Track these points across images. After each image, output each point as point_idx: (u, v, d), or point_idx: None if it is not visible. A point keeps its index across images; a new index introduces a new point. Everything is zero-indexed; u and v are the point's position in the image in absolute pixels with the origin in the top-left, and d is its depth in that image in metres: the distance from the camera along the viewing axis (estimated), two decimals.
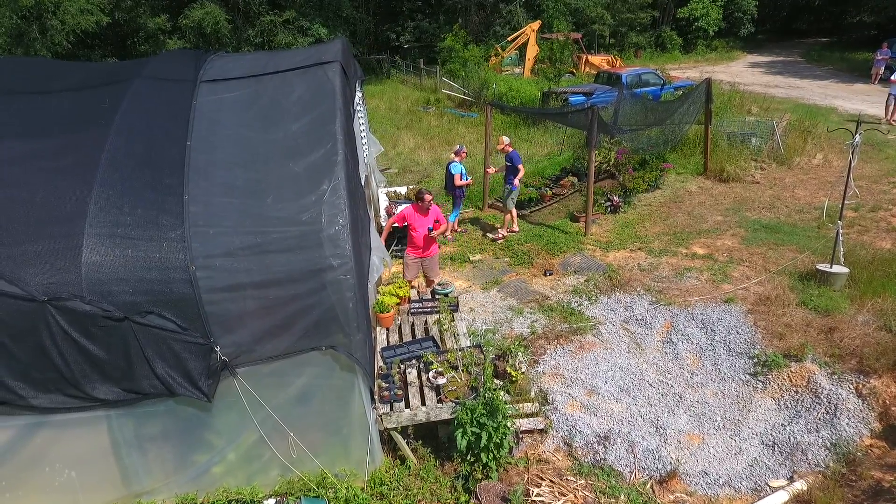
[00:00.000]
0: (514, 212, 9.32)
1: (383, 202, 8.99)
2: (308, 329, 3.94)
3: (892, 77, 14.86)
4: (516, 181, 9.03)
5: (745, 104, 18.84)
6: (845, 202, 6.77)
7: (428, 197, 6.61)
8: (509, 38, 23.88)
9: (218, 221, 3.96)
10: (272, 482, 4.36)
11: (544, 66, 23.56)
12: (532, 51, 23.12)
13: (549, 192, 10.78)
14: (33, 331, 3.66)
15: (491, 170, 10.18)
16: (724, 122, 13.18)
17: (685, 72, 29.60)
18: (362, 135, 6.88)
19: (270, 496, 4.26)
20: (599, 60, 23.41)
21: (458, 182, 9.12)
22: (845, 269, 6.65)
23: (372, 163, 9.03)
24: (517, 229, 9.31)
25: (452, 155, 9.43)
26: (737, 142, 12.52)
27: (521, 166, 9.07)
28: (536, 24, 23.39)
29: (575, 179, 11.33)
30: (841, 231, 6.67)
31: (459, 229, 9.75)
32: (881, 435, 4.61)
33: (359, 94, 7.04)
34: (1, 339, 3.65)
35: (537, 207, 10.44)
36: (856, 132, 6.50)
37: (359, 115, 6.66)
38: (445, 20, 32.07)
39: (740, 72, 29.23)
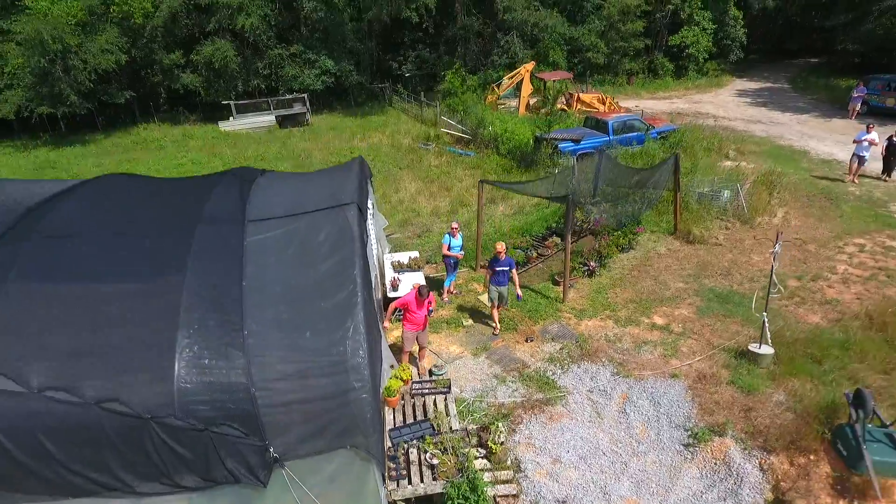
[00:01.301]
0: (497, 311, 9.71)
1: (389, 273, 10.35)
2: (337, 433, 5.35)
3: (857, 138, 15.99)
4: (519, 292, 9.49)
5: (724, 147, 20.26)
6: (770, 295, 8.18)
7: (431, 295, 8.03)
8: (505, 77, 25.21)
9: (270, 353, 5.37)
10: None
11: (536, 103, 25.02)
12: (526, 90, 24.53)
13: (535, 254, 12.18)
14: (139, 439, 5.08)
15: (484, 297, 10.39)
16: (695, 182, 14.54)
17: (674, 102, 31.04)
18: (371, 219, 8.26)
19: None
20: (590, 98, 24.78)
21: (444, 251, 10.51)
22: (771, 350, 8.04)
23: (380, 234, 10.47)
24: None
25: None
26: (706, 201, 13.93)
27: (514, 270, 9.40)
28: (531, 66, 24.78)
29: (559, 240, 12.72)
30: (766, 320, 8.06)
31: (455, 292, 11.15)
32: (780, 494, 6.01)
33: (371, 199, 8.48)
34: (117, 445, 5.07)
35: (524, 269, 11.82)
36: (776, 242, 7.90)
37: (370, 210, 8.07)
38: (446, 50, 33.50)
39: (726, 102, 30.58)
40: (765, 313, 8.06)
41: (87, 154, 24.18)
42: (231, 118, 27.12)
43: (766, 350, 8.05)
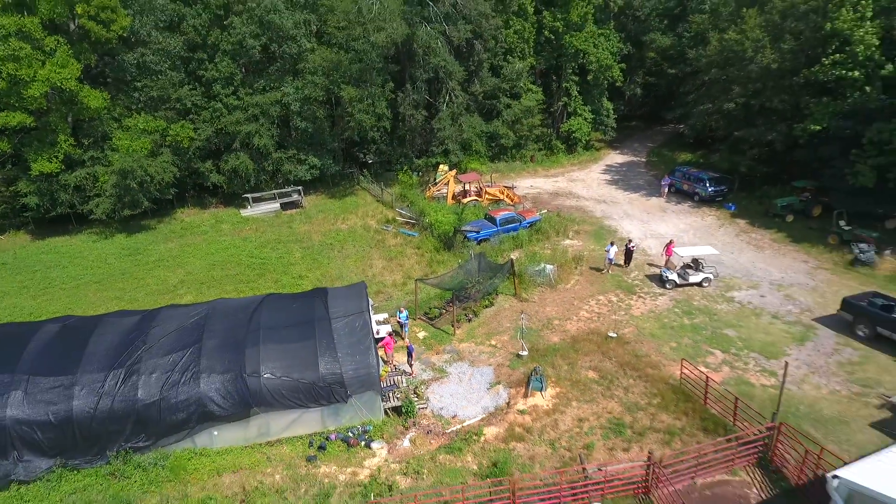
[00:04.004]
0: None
1: (374, 326, 22.63)
2: (368, 387, 17.75)
3: (606, 249, 28.88)
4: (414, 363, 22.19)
5: (568, 229, 33.46)
6: (522, 333, 20.95)
7: (392, 338, 20.52)
8: (437, 180, 37.95)
9: (346, 364, 17.73)
10: (357, 422, 18.06)
11: (459, 194, 37.92)
12: (451, 187, 37.35)
13: (444, 312, 24.78)
14: (311, 390, 17.35)
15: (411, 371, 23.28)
16: (531, 265, 27.47)
17: (557, 181, 44.44)
18: (370, 306, 20.63)
19: (357, 426, 17.95)
20: (494, 191, 37.76)
21: (397, 319, 22.94)
22: (526, 353, 20.81)
23: (370, 308, 22.79)
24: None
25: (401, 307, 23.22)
26: (535, 276, 26.82)
27: (413, 353, 21.95)
28: (453, 172, 37.68)
29: (457, 302, 25.31)
30: (523, 342, 20.85)
31: (405, 334, 23.53)
32: (508, 400, 18.67)
33: (369, 302, 20.93)
34: (303, 391, 17.33)
35: (438, 318, 24.38)
36: (522, 314, 20.66)
37: (370, 308, 20.50)
38: (398, 143, 46.08)
39: (592, 180, 44.04)
40: (522, 340, 20.88)
41: (154, 240, 35.45)
42: (249, 207, 38.90)
43: (524, 353, 20.83)
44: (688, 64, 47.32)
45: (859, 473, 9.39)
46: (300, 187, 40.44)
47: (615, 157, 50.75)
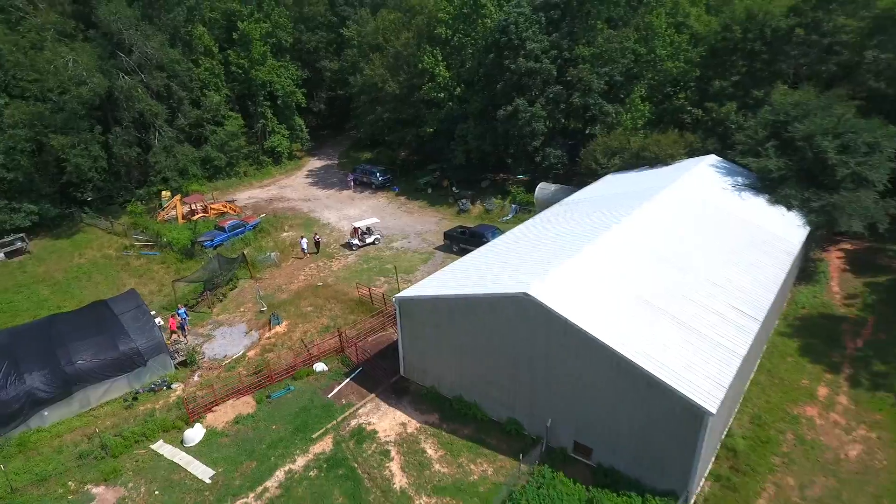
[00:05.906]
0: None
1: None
2: (159, 351, 26.31)
3: (300, 241, 41.34)
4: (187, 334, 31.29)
5: (283, 224, 44.51)
6: (259, 297, 31.63)
7: (176, 322, 29.10)
8: (164, 205, 44.79)
9: (139, 340, 25.97)
10: (157, 378, 26.48)
11: (188, 214, 45.46)
12: (179, 209, 44.69)
13: (200, 300, 33.60)
14: (116, 363, 25.23)
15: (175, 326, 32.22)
16: (259, 252, 37.85)
17: (270, 189, 54.77)
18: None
19: (157, 380, 26.41)
20: (218, 206, 46.32)
21: (178, 315, 31.21)
22: (265, 308, 31.50)
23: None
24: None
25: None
26: (263, 261, 37.29)
27: (187, 327, 31.30)
28: (178, 197, 45.04)
29: (208, 292, 34.28)
30: (262, 301, 31.53)
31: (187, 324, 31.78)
32: (259, 337, 29.21)
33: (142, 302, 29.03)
34: (107, 366, 25.12)
35: (196, 304, 33.16)
36: (257, 286, 31.26)
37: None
38: (115, 178, 50.26)
39: (298, 184, 55.54)
40: (261, 301, 31.54)
41: None
42: None
43: (264, 309, 31.49)
44: (351, 86, 62.04)
45: (404, 293, 23.12)
46: (22, 234, 42.54)
47: (315, 163, 63.17)
